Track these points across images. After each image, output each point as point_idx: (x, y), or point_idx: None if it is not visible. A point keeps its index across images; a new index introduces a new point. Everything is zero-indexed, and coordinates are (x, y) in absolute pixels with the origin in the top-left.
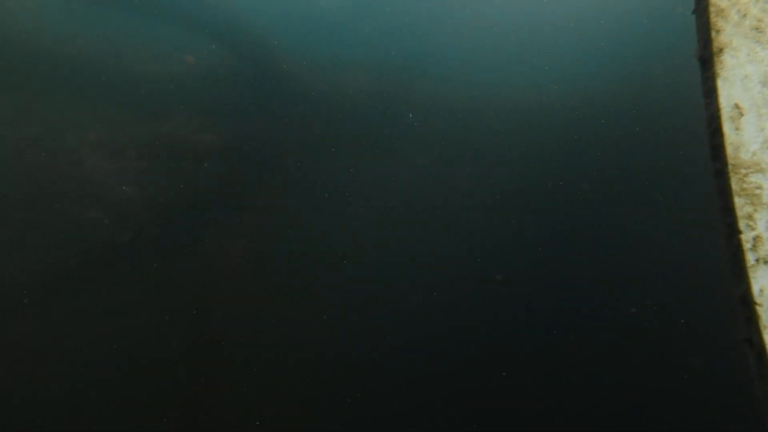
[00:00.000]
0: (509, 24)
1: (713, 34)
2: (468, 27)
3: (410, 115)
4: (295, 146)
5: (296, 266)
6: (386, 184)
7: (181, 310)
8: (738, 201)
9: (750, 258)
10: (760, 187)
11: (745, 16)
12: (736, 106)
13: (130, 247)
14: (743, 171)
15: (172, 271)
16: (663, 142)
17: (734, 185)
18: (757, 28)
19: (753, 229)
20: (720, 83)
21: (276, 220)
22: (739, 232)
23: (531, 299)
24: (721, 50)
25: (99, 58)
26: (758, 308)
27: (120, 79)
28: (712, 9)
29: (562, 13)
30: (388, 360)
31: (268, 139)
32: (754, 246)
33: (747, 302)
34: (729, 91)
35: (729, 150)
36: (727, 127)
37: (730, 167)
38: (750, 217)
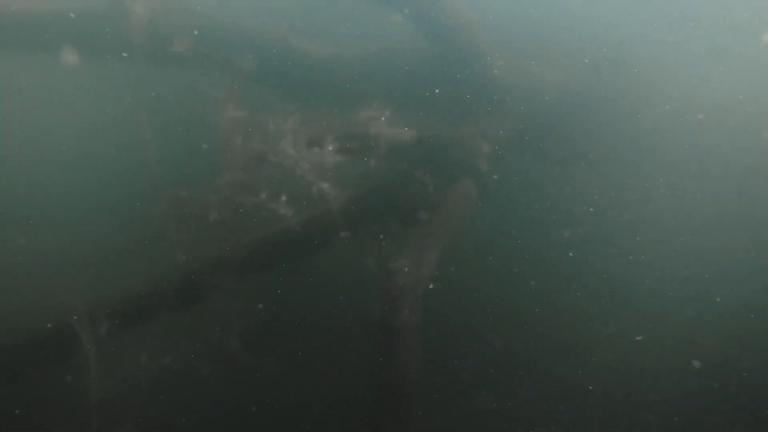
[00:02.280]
0: None
1: None
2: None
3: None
4: (492, 147)
5: (489, 277)
6: (602, 197)
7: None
8: None
9: None
10: None
11: None
12: None
13: (318, 245)
14: None
15: (357, 276)
16: None
17: None
18: None
19: None
20: None
21: (468, 229)
22: None
23: None
24: None
25: (292, 39)
26: None
27: (310, 61)
28: None
29: None
30: None
31: (460, 136)
32: None
33: None
34: None
35: None
36: None
37: None
38: None
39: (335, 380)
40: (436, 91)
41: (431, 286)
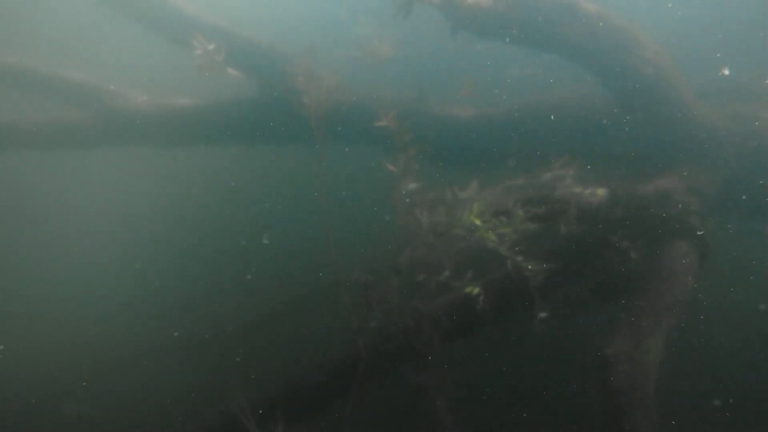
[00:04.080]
0: None
1: None
2: None
3: None
4: (698, 201)
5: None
6: None
7: None
8: None
9: None
10: None
11: None
12: None
13: (514, 329)
14: None
15: (565, 366)
16: None
17: None
18: None
19: None
20: None
21: (694, 302)
22: None
23: None
24: None
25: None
26: None
27: (483, 122)
28: None
29: None
30: None
31: (663, 192)
32: None
33: None
34: None
35: None
36: None
37: None
38: None
39: None
40: (628, 142)
41: (659, 377)
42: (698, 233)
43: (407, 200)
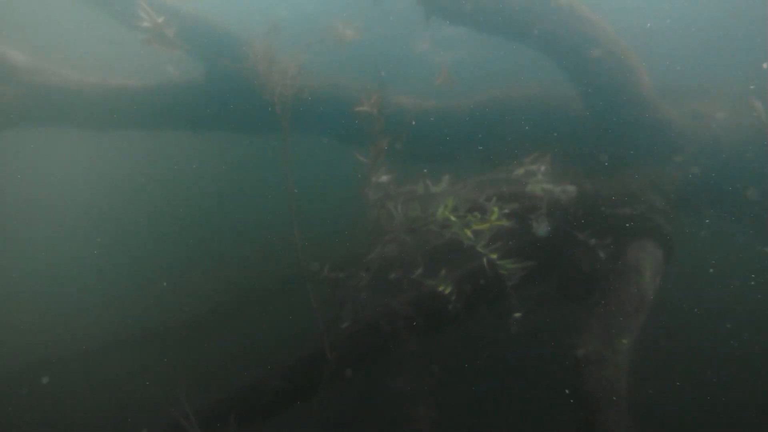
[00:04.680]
0: None
1: None
2: None
3: None
4: (662, 199)
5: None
6: None
7: None
8: None
9: None
10: None
11: None
12: None
13: (486, 328)
14: None
15: (538, 369)
16: None
17: None
18: None
19: None
20: None
21: (661, 302)
22: None
23: None
24: None
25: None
26: None
27: (452, 115)
28: None
29: None
30: None
31: (629, 190)
32: None
33: None
34: None
35: None
36: None
37: None
38: None
39: None
40: (594, 139)
41: (631, 379)
42: (663, 231)
43: (379, 194)
